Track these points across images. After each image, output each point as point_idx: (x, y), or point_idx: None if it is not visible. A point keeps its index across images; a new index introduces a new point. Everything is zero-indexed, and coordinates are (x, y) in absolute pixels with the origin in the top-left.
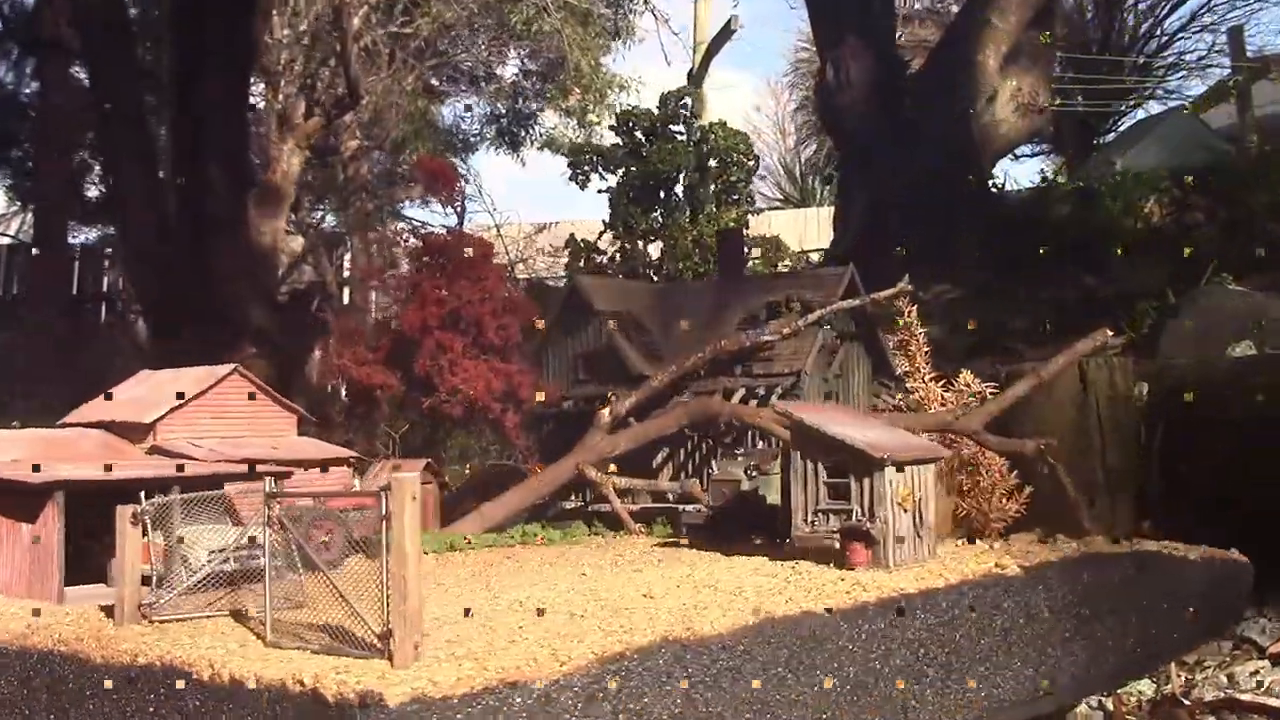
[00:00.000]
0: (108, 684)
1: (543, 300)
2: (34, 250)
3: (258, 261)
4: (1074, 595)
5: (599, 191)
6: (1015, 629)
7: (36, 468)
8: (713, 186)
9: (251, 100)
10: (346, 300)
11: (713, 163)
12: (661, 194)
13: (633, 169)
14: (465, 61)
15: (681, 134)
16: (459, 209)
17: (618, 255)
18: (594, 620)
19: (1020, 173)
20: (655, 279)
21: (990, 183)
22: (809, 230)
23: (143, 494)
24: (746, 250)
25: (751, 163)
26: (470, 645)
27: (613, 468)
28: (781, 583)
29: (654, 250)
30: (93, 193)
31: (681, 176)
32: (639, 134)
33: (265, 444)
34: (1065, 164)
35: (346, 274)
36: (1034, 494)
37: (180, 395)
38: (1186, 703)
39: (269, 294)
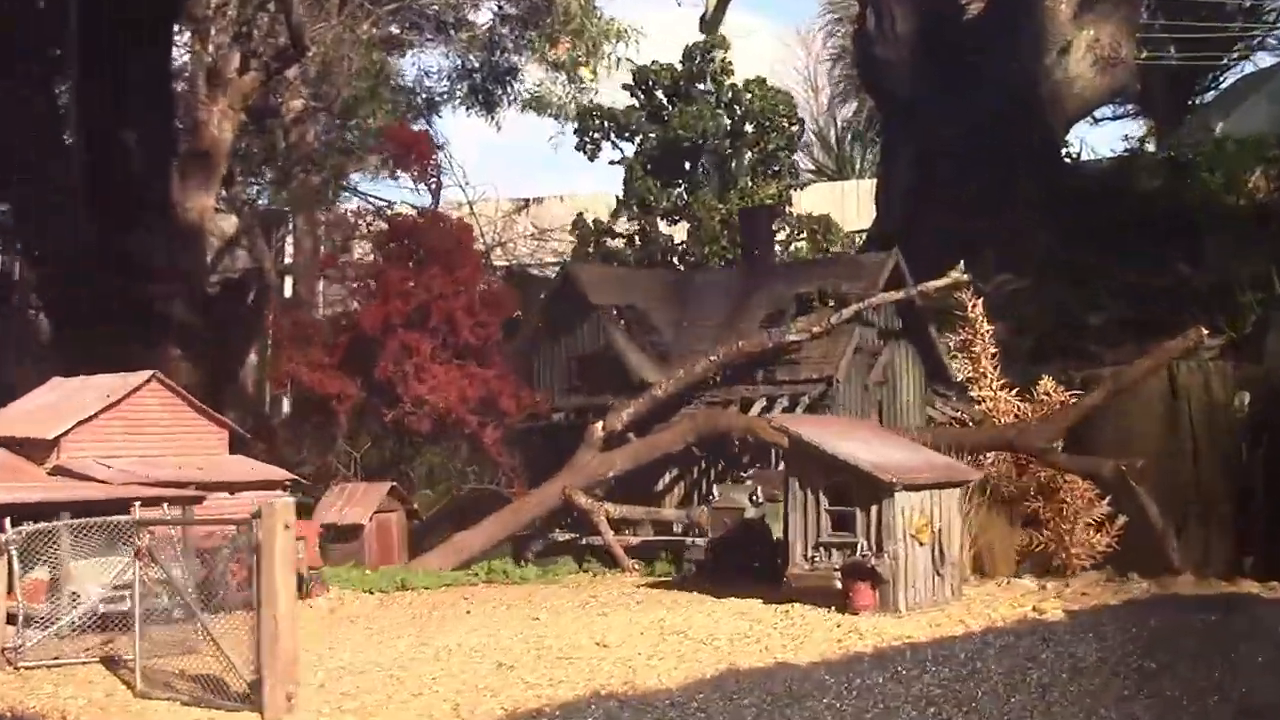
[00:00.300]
0: None
1: (526, 292)
2: None
3: (183, 245)
4: (1135, 645)
5: (611, 163)
6: (1057, 685)
7: None
8: (748, 156)
9: (176, 52)
10: (289, 292)
11: (748, 128)
12: (686, 165)
13: (651, 135)
14: (431, 5)
15: (710, 94)
16: (434, 186)
17: (636, 238)
18: (523, 671)
19: (1100, 139)
20: (680, 266)
21: (1064, 150)
22: (847, 207)
23: (8, 521)
24: (790, 233)
25: (795, 128)
26: (366, 698)
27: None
28: (765, 629)
29: (678, 232)
30: None
31: (709, 145)
32: (659, 94)
33: (189, 463)
34: (1154, 129)
35: (288, 260)
36: (1127, 524)
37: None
38: None
39: (196, 284)
